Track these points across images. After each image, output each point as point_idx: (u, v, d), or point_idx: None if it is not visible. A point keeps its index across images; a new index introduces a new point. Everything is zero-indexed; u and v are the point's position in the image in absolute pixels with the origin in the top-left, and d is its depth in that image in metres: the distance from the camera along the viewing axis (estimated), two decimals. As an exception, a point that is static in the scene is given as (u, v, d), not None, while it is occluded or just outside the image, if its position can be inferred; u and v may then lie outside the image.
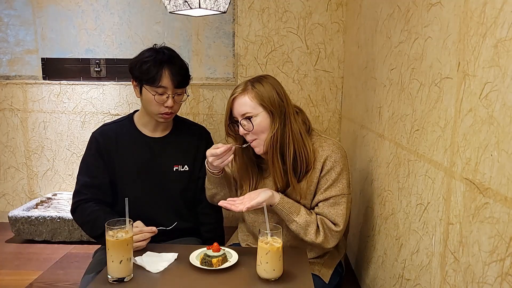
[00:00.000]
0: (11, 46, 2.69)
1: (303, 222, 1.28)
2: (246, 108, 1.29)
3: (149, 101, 1.40)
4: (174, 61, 1.41)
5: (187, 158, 1.52)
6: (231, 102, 1.31)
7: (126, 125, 1.52)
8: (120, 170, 1.46)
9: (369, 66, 1.78)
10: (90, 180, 1.44)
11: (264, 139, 1.29)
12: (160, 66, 1.37)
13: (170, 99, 1.40)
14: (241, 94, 1.30)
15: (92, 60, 2.65)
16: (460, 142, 0.89)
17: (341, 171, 1.32)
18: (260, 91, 1.29)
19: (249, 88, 1.30)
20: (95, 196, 1.43)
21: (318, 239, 1.28)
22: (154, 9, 2.60)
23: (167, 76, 1.37)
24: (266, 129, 1.29)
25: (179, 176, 1.51)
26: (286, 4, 2.53)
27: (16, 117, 2.75)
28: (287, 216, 1.29)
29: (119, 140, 1.48)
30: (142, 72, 1.39)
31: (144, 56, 1.41)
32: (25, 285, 1.97)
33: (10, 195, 2.85)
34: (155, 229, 1.29)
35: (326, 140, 1.36)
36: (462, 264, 0.87)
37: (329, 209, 1.31)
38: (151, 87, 1.38)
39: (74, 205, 1.44)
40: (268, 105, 1.28)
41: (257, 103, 1.28)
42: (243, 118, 1.29)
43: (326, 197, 1.31)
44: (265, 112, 1.29)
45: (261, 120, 1.29)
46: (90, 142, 1.50)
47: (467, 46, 0.87)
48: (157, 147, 1.50)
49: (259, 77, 1.33)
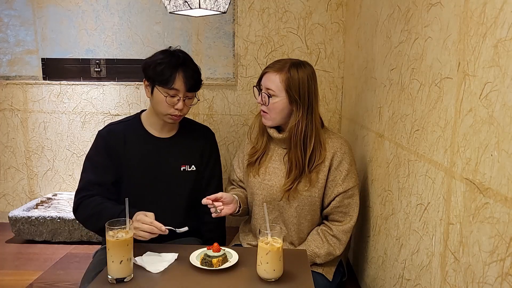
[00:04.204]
0: (11, 46, 2.69)
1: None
2: (271, 85, 1.35)
3: (160, 101, 1.41)
4: (189, 64, 1.44)
5: (194, 158, 1.54)
6: (266, 73, 1.38)
7: (133, 125, 1.52)
8: (127, 169, 1.46)
9: (369, 66, 1.78)
10: (95, 178, 1.43)
11: (273, 116, 1.38)
12: (174, 68, 1.39)
13: (181, 102, 1.42)
14: (275, 72, 1.35)
15: (92, 60, 2.65)
16: (460, 142, 0.89)
17: (351, 162, 1.42)
18: (294, 78, 1.34)
19: (284, 70, 1.35)
20: (99, 194, 1.42)
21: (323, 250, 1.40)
22: (154, 9, 2.60)
23: (181, 79, 1.39)
24: (281, 112, 1.36)
25: (187, 176, 1.53)
26: (286, 4, 2.53)
27: (16, 117, 2.75)
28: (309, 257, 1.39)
29: (127, 140, 1.48)
30: (156, 73, 1.40)
31: (159, 57, 1.42)
32: (25, 285, 1.97)
33: (10, 195, 2.85)
34: (165, 229, 1.24)
35: (334, 133, 1.46)
36: (462, 264, 0.87)
37: (348, 201, 1.41)
38: (163, 88, 1.39)
39: (77, 201, 1.42)
40: (294, 94, 1.34)
41: (283, 88, 1.34)
42: (266, 92, 1.36)
43: (345, 188, 1.39)
44: (286, 98, 1.35)
45: (279, 102, 1.35)
46: (97, 141, 1.49)
47: (467, 46, 0.87)
48: (164, 147, 1.51)
49: (300, 63, 1.38)
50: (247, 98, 2.63)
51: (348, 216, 1.42)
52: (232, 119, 2.67)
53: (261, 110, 1.40)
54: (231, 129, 2.68)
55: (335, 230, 1.41)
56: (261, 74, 1.40)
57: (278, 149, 1.46)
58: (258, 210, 1.46)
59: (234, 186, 1.60)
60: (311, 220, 1.44)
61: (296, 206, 1.40)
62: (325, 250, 1.39)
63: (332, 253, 1.40)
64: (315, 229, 1.45)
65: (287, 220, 1.43)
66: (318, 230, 1.43)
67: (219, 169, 1.64)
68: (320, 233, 1.42)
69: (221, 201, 1.33)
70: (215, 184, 1.61)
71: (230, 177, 1.62)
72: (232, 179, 1.61)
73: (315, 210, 1.43)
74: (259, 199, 1.44)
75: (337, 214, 1.42)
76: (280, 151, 1.46)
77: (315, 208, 1.42)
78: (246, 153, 1.53)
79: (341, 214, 1.42)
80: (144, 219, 1.23)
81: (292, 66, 1.35)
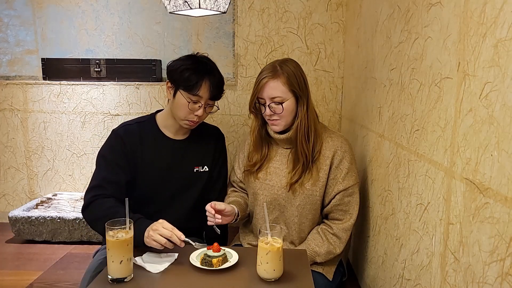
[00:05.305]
0: (11, 46, 2.69)
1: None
2: (277, 92, 1.35)
3: (181, 106, 1.41)
4: (215, 73, 1.45)
5: (206, 159, 1.56)
6: (264, 85, 1.36)
7: (148, 126, 1.52)
8: (141, 170, 1.46)
9: (369, 66, 1.78)
10: (110, 176, 1.41)
11: (286, 120, 1.38)
12: (201, 76, 1.40)
13: (202, 109, 1.43)
14: (273, 79, 1.35)
15: (92, 60, 2.64)
16: (460, 142, 0.89)
17: (351, 160, 1.43)
18: (290, 75, 1.35)
19: (280, 72, 1.35)
20: (114, 193, 1.39)
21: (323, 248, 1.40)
22: (154, 9, 2.60)
23: (206, 87, 1.40)
24: (292, 112, 1.38)
25: (200, 177, 1.54)
26: (286, 4, 2.53)
27: (16, 117, 2.75)
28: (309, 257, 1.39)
29: (143, 141, 1.48)
30: (182, 78, 1.40)
31: (186, 62, 1.43)
32: (25, 285, 1.97)
33: (10, 196, 2.85)
34: (182, 241, 1.19)
35: (334, 132, 1.47)
36: (462, 264, 0.87)
37: (348, 199, 1.42)
38: (187, 93, 1.40)
39: (89, 199, 1.37)
40: (298, 90, 1.36)
41: (288, 89, 1.36)
42: (273, 102, 1.36)
43: (346, 186, 1.40)
44: (293, 98, 1.37)
45: (289, 104, 1.36)
46: (112, 140, 1.47)
47: (467, 46, 0.87)
48: (179, 149, 1.52)
49: (284, 60, 1.39)
50: (247, 98, 2.62)
51: (348, 214, 1.42)
52: (232, 119, 2.67)
53: (270, 119, 1.40)
54: (231, 129, 2.68)
55: (335, 228, 1.41)
56: (258, 89, 1.37)
57: (281, 149, 1.47)
58: (259, 210, 1.46)
59: (234, 187, 1.60)
60: (312, 219, 1.44)
61: (298, 205, 1.41)
62: (325, 248, 1.39)
63: (332, 252, 1.40)
64: (315, 228, 1.45)
65: (288, 220, 1.43)
66: (318, 229, 1.43)
67: (226, 170, 1.65)
68: (320, 232, 1.42)
69: (223, 213, 1.33)
70: (220, 184, 1.61)
71: (231, 177, 1.63)
72: (232, 180, 1.61)
73: (316, 209, 1.43)
74: (261, 199, 1.44)
75: (337, 212, 1.42)
76: (281, 151, 1.46)
77: (316, 207, 1.43)
78: (246, 154, 1.54)
79: (341, 212, 1.42)
80: (166, 224, 1.22)
81: (282, 66, 1.36)
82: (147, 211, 1.38)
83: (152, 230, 1.20)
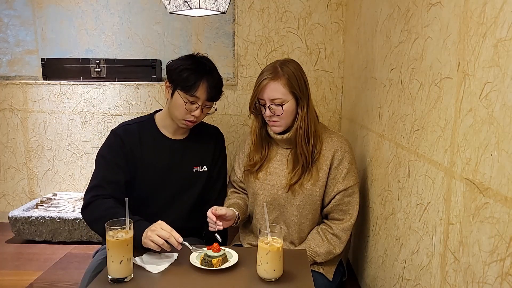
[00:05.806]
0: (11, 46, 2.69)
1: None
2: (277, 94, 1.35)
3: (178, 106, 1.41)
4: (214, 74, 1.44)
5: (206, 159, 1.56)
6: (264, 86, 1.35)
7: (148, 126, 1.52)
8: (141, 170, 1.46)
9: (369, 66, 1.78)
10: (110, 176, 1.41)
11: (286, 121, 1.39)
12: (199, 76, 1.39)
13: (199, 110, 1.43)
14: (274, 80, 1.35)
15: (92, 60, 2.64)
16: (460, 142, 0.89)
17: (351, 161, 1.43)
18: (291, 76, 1.35)
19: (280, 74, 1.35)
20: (113, 193, 1.38)
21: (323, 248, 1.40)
22: (154, 9, 2.60)
23: (204, 88, 1.40)
24: (292, 113, 1.38)
25: (199, 177, 1.54)
26: (286, 4, 2.53)
27: (16, 117, 2.75)
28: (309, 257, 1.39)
29: (142, 141, 1.48)
30: (180, 78, 1.40)
31: (186, 62, 1.42)
32: (25, 285, 1.97)
33: (10, 196, 2.85)
34: (180, 243, 1.18)
35: (334, 132, 1.47)
36: (462, 264, 0.87)
37: (348, 199, 1.42)
38: (185, 94, 1.40)
39: (89, 199, 1.37)
40: (298, 91, 1.36)
41: (288, 91, 1.35)
42: (273, 103, 1.36)
43: (346, 186, 1.40)
44: (293, 99, 1.37)
45: (289, 106, 1.36)
46: (111, 139, 1.47)
47: (467, 46, 0.87)
48: (178, 149, 1.52)
49: (284, 61, 1.39)
50: (247, 98, 2.63)
51: (348, 214, 1.42)
52: (232, 119, 2.67)
53: (270, 120, 1.40)
54: (231, 129, 2.68)
55: (335, 228, 1.41)
56: (258, 90, 1.37)
57: (281, 149, 1.47)
58: (259, 210, 1.46)
59: (234, 187, 1.60)
60: (312, 219, 1.44)
61: (298, 205, 1.41)
62: (325, 248, 1.39)
63: (332, 252, 1.40)
64: (315, 228, 1.45)
65: (288, 220, 1.43)
66: (318, 229, 1.43)
67: (225, 170, 1.65)
68: (320, 232, 1.42)
69: (223, 218, 1.34)
70: (220, 184, 1.61)
71: (230, 178, 1.63)
72: (232, 180, 1.61)
73: (316, 209, 1.43)
74: (261, 199, 1.44)
75: (337, 212, 1.42)
76: (282, 151, 1.46)
77: (316, 207, 1.43)
78: (246, 154, 1.54)
79: (341, 212, 1.42)
80: (165, 225, 1.21)
81: (283, 67, 1.36)
82: (146, 211, 1.38)
83: (151, 231, 1.20)
